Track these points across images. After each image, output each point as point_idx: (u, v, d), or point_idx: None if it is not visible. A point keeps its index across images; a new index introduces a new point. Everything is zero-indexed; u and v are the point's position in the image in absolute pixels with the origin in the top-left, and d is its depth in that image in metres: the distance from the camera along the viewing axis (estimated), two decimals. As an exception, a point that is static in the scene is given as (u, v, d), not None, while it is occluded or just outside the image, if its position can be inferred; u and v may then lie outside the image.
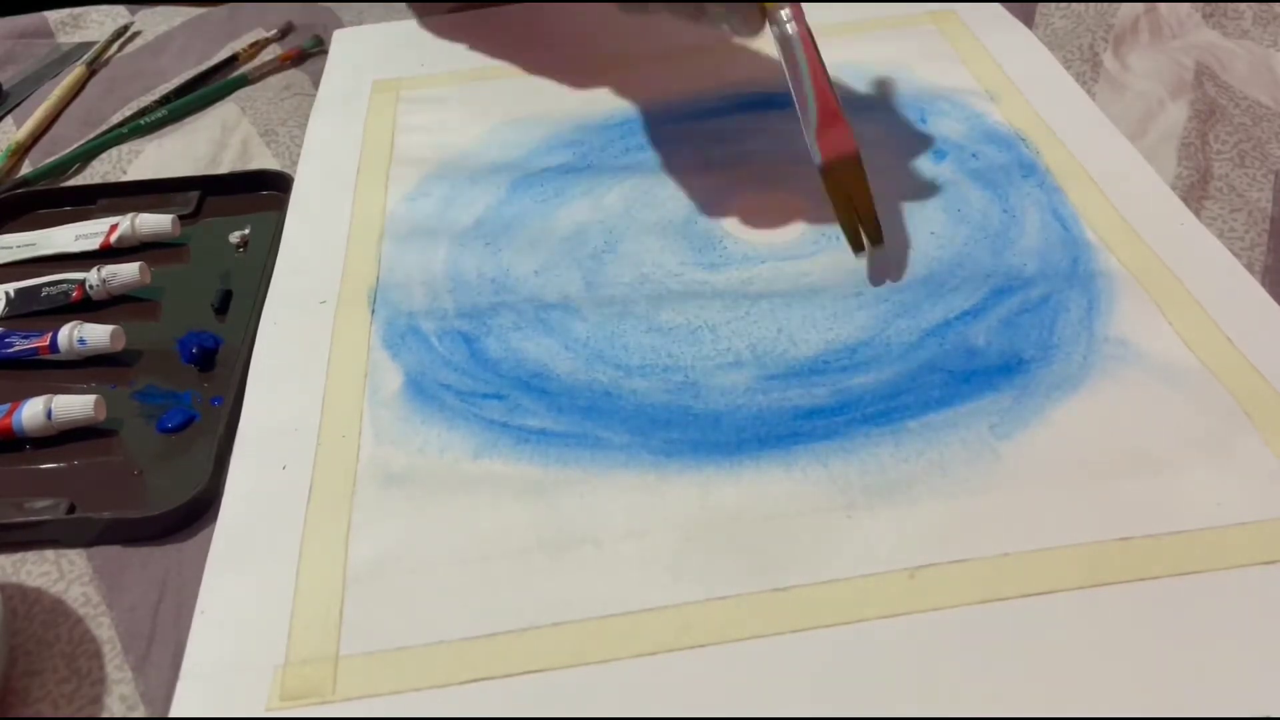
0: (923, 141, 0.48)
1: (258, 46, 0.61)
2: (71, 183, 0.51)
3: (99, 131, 0.54)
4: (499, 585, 0.31)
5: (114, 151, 0.53)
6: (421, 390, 0.37)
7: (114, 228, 0.46)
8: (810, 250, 0.42)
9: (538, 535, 0.32)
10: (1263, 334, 0.37)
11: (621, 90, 0.53)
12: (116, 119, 0.55)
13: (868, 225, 0.40)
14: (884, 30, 0.56)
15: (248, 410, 0.37)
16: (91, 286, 0.42)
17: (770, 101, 0.51)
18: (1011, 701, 0.27)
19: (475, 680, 0.29)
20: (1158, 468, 0.33)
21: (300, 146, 0.51)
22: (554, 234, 0.44)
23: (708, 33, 0.56)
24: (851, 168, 0.40)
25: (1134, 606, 0.29)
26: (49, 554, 0.34)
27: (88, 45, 0.62)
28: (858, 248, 0.40)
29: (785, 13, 0.40)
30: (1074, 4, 0.58)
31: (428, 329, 0.40)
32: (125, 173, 0.51)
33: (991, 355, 0.37)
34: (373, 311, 0.41)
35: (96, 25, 0.65)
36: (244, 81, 0.57)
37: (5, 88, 0.59)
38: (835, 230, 0.43)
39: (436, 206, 0.46)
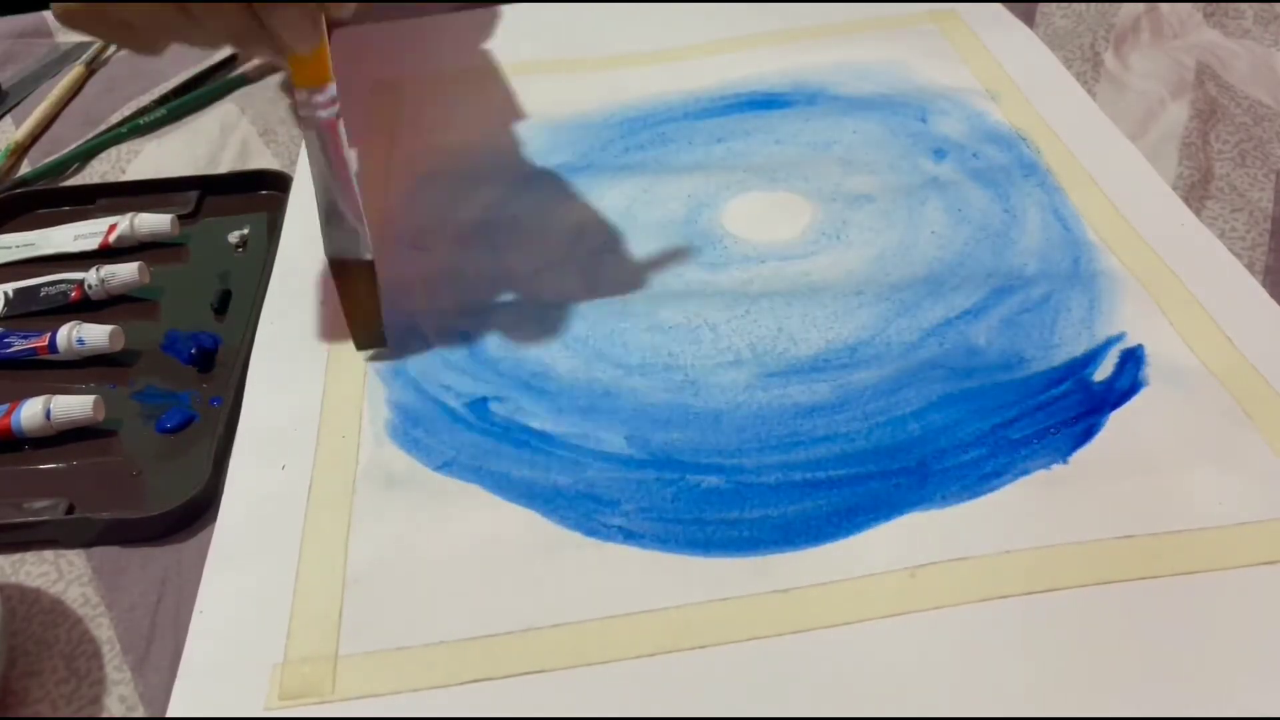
0: (923, 141, 0.48)
1: (257, 46, 0.60)
2: (70, 182, 0.51)
3: (98, 131, 0.54)
4: (499, 585, 0.31)
5: (113, 151, 0.53)
6: (421, 390, 0.37)
7: (113, 227, 0.45)
8: (810, 250, 0.42)
9: (537, 536, 0.32)
10: (1263, 334, 0.37)
11: (622, 90, 0.53)
12: (115, 119, 0.55)
13: (371, 327, 0.38)
14: (884, 30, 0.56)
15: (247, 410, 0.37)
16: (90, 286, 0.42)
17: (770, 101, 0.51)
18: (1011, 701, 0.27)
19: (475, 680, 0.29)
20: (1159, 467, 0.33)
21: (299, 146, 0.51)
22: (554, 233, 0.44)
23: (704, 32, 0.57)
24: (364, 272, 0.37)
25: (1135, 605, 0.29)
26: (48, 554, 0.34)
27: (87, 45, 0.62)
28: (360, 345, 0.39)
29: (318, 97, 0.34)
30: (1075, 3, 0.58)
31: (427, 328, 0.40)
32: (124, 172, 0.51)
33: (992, 355, 0.37)
34: (372, 311, 0.41)
35: (96, 25, 0.65)
36: (243, 81, 0.57)
37: (4, 87, 0.58)
38: (835, 230, 0.43)
39: (437, 206, 0.46)
